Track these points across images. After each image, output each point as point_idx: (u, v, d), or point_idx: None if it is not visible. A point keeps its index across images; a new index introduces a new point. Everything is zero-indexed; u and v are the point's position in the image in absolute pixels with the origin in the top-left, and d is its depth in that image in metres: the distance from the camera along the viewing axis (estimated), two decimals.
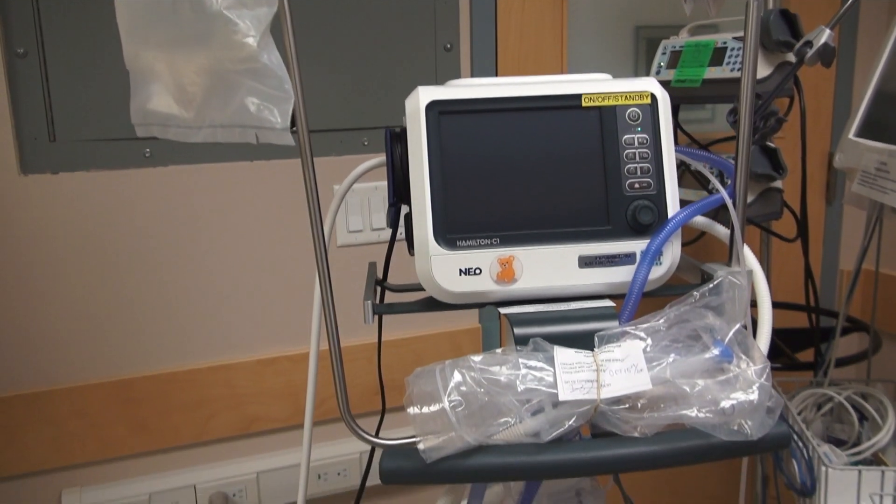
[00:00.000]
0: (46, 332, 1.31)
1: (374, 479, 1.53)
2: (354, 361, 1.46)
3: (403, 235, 0.78)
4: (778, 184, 1.30)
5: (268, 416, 1.47)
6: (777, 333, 1.26)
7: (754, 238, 1.60)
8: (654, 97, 0.75)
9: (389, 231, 0.82)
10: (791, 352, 1.51)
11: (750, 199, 1.31)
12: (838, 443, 1.24)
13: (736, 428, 0.65)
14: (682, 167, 1.36)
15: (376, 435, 0.71)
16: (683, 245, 0.78)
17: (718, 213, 0.85)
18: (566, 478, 0.71)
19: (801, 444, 1.14)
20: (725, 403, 0.64)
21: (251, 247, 1.42)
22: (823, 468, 1.10)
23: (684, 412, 0.64)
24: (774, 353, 1.46)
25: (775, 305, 0.79)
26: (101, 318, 1.34)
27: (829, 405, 1.30)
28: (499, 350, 0.68)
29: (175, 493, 1.41)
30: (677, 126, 1.44)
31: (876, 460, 1.19)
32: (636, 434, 0.65)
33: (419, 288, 0.79)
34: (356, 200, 1.46)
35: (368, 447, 1.21)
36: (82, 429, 1.34)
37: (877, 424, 1.22)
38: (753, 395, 0.64)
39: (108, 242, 1.32)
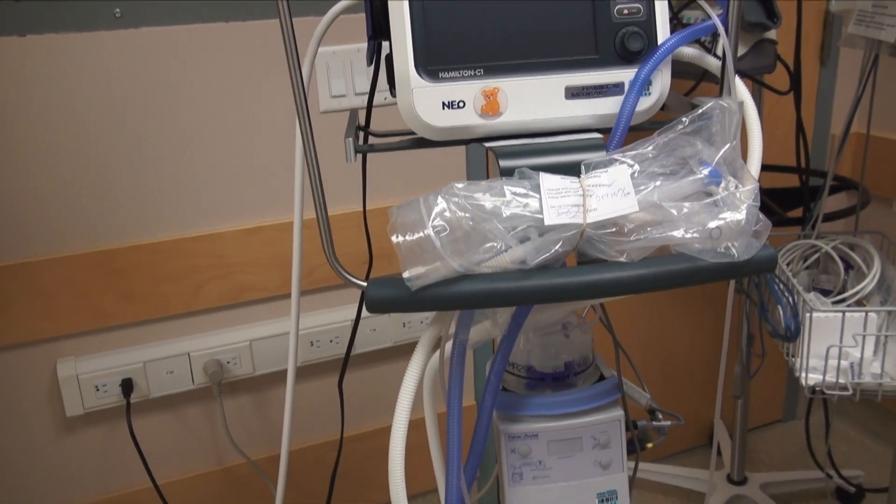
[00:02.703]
0: (26, 202, 1.29)
1: (365, 346, 1.57)
2: (343, 230, 1.44)
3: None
4: (772, 34, 1.26)
5: (258, 285, 1.48)
6: (767, 193, 1.25)
7: None
8: None
9: None
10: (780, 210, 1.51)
11: (743, 50, 1.28)
12: (823, 293, 1.26)
13: (723, 250, 0.65)
14: (673, 21, 1.32)
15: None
16: None
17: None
18: (553, 302, 0.72)
19: (786, 291, 1.15)
20: (713, 224, 0.63)
21: (232, 112, 1.38)
22: (808, 314, 1.12)
23: (671, 233, 0.63)
24: (763, 211, 1.47)
25: (766, 168, 0.77)
26: (81, 188, 1.32)
27: (815, 256, 1.30)
28: (484, 181, 0.66)
29: (169, 361, 1.43)
30: None
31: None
32: (623, 259, 0.65)
33: (403, 133, 0.77)
34: (338, 63, 1.42)
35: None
36: (72, 299, 1.34)
37: (862, 273, 1.23)
38: (741, 216, 0.63)
39: (85, 109, 1.28)
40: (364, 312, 0.74)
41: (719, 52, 0.76)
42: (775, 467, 1.94)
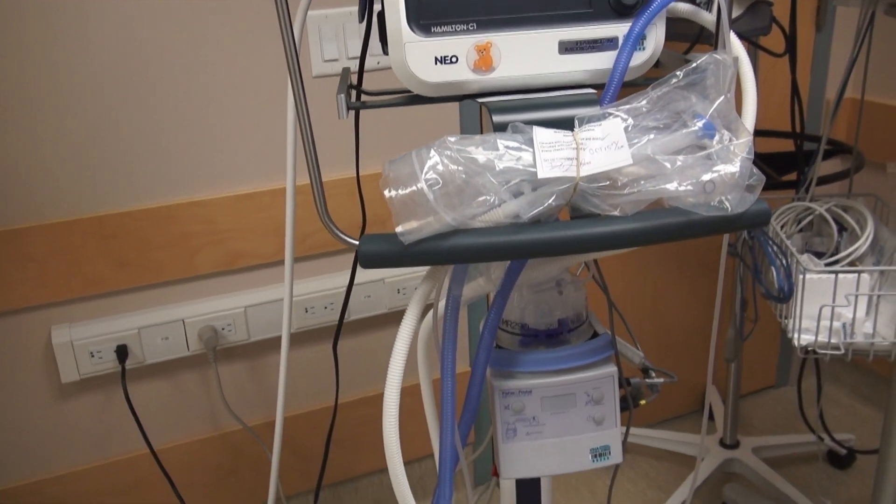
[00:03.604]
0: (15, 167, 1.28)
1: (359, 312, 1.57)
2: (337, 196, 1.45)
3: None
4: None
5: (252, 251, 1.47)
6: (762, 157, 1.25)
7: None
8: None
9: None
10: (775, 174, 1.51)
11: (739, 12, 1.27)
12: (817, 255, 1.26)
13: (716, 204, 0.64)
14: None
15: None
16: None
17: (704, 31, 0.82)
18: (547, 256, 0.71)
19: (779, 252, 1.15)
20: (706, 177, 0.63)
21: (224, 77, 1.37)
22: (801, 275, 1.12)
23: (664, 187, 0.63)
24: None
25: (761, 133, 0.77)
26: (71, 153, 1.31)
27: (809, 218, 1.31)
28: (477, 135, 0.66)
29: (164, 327, 1.43)
30: None
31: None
32: (616, 213, 0.65)
33: (396, 92, 0.76)
34: (330, 27, 1.40)
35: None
36: (65, 265, 1.34)
37: (856, 235, 1.23)
38: (735, 168, 0.63)
39: (74, 72, 1.27)
40: (358, 278, 0.74)
41: (714, 13, 0.76)
42: (768, 432, 1.96)
